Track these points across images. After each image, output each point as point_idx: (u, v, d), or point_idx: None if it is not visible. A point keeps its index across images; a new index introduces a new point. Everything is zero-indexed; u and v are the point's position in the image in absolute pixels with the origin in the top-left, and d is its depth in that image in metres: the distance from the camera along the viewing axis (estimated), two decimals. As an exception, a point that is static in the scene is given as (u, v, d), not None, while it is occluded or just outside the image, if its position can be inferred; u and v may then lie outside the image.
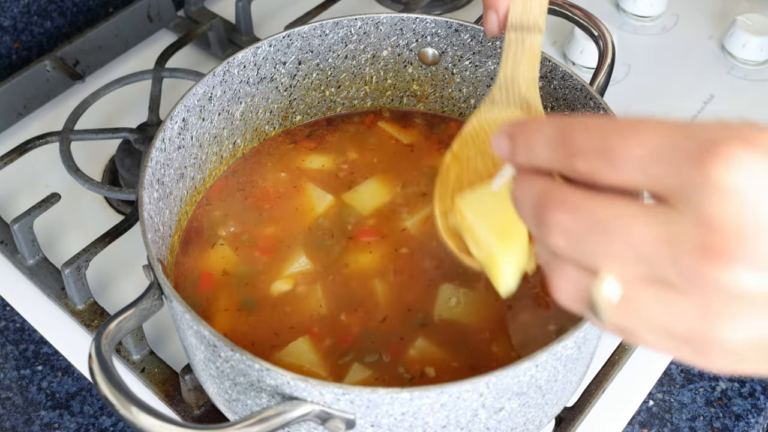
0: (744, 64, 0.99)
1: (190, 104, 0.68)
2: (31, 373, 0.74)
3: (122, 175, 0.86)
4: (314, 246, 0.69)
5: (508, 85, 0.59)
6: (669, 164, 0.34)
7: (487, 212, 0.50)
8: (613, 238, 0.36)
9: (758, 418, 0.71)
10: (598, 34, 0.74)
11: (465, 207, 0.52)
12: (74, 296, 0.76)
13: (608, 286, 0.37)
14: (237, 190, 0.73)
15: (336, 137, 0.77)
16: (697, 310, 0.35)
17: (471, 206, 0.51)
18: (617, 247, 0.36)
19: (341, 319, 0.64)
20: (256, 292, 0.66)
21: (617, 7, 1.06)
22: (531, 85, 0.59)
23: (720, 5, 1.07)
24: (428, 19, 0.74)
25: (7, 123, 0.93)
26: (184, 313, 0.54)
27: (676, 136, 0.34)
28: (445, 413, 0.52)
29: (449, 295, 0.65)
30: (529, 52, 0.59)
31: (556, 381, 0.57)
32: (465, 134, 0.58)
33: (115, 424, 0.71)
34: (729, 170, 0.33)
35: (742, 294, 0.34)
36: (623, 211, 0.36)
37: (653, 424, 0.71)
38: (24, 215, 0.77)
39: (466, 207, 0.52)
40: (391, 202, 0.72)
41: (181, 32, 1.02)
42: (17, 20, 0.97)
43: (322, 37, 0.74)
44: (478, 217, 0.51)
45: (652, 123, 0.35)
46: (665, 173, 0.34)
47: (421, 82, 0.78)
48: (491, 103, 0.59)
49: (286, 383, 0.51)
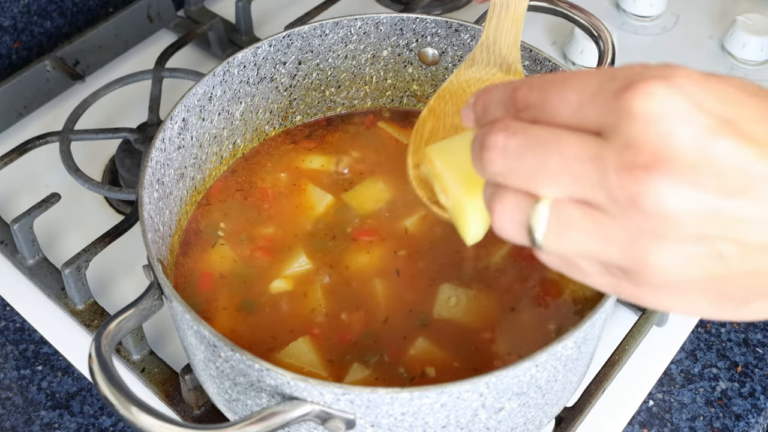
0: (744, 64, 0.99)
1: (190, 104, 0.68)
2: (31, 373, 0.74)
3: (122, 175, 0.86)
4: (314, 246, 0.69)
5: (489, 46, 0.60)
6: (596, 104, 0.38)
7: (455, 162, 0.50)
8: (547, 154, 0.38)
9: (758, 418, 0.71)
10: (598, 34, 0.74)
11: (435, 156, 0.52)
12: (74, 296, 0.76)
13: (543, 208, 0.39)
14: (237, 190, 0.73)
15: (336, 137, 0.77)
16: (626, 232, 0.37)
17: (440, 156, 0.52)
18: (551, 162, 0.38)
19: (341, 319, 0.64)
20: (256, 292, 0.66)
21: (617, 7, 1.06)
22: (512, 48, 0.60)
23: (720, 5, 1.07)
24: (428, 19, 0.74)
25: (7, 123, 0.93)
26: (184, 313, 0.54)
27: (603, 80, 0.38)
28: (445, 413, 0.52)
29: (449, 295, 0.65)
30: (513, 15, 0.61)
31: (556, 381, 0.57)
32: (443, 90, 0.60)
33: (115, 424, 0.71)
34: (647, 100, 0.36)
35: (667, 214, 0.36)
36: (558, 134, 0.39)
37: (653, 424, 0.71)
38: (24, 215, 0.77)
39: (436, 156, 0.52)
40: (391, 202, 0.72)
41: (181, 32, 1.02)
42: (17, 20, 0.97)
43: (322, 37, 0.74)
44: (447, 166, 0.51)
45: (585, 72, 0.39)
46: (594, 112, 0.38)
47: (421, 82, 0.78)
48: (471, 63, 0.60)
49: (286, 383, 0.51)
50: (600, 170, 0.37)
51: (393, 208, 0.71)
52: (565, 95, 0.39)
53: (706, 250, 0.37)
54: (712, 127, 0.36)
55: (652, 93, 0.36)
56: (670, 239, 0.37)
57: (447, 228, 0.69)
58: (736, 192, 0.36)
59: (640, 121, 0.36)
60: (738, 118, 0.36)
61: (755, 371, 0.74)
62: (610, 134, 0.37)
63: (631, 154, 0.36)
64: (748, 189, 0.36)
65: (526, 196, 0.40)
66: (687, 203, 0.36)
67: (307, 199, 0.72)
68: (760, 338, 0.76)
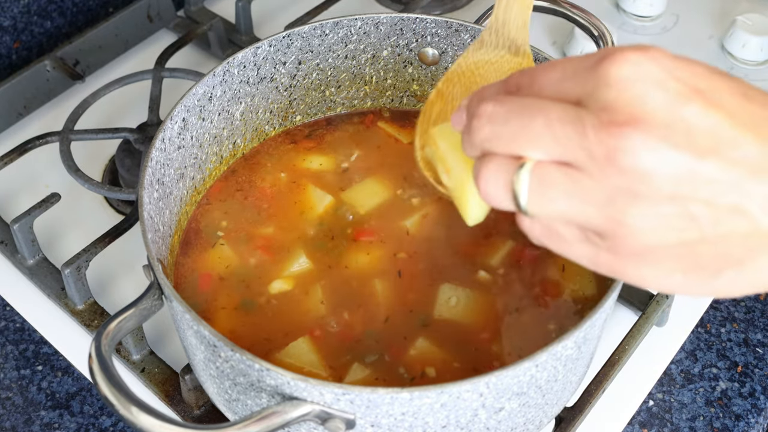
0: (744, 64, 0.99)
1: (190, 104, 0.68)
2: (31, 373, 0.74)
3: (122, 175, 0.86)
4: (314, 246, 0.69)
5: (498, 28, 0.60)
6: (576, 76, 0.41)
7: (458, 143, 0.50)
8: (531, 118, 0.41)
9: (758, 418, 0.71)
10: (598, 34, 0.74)
11: (438, 137, 0.53)
12: (74, 296, 0.76)
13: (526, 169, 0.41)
14: (237, 190, 0.73)
15: (336, 137, 0.77)
16: (603, 191, 0.39)
17: (444, 137, 0.53)
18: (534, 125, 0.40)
19: (341, 319, 0.64)
20: (256, 292, 0.66)
21: (617, 7, 1.06)
22: (521, 29, 0.60)
23: (720, 5, 1.07)
24: (428, 19, 0.74)
25: (7, 123, 0.93)
26: (184, 313, 0.54)
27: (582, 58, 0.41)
28: (445, 413, 0.52)
29: (449, 295, 0.65)
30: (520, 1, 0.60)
31: (556, 381, 0.57)
32: (451, 73, 0.60)
33: (115, 424, 0.71)
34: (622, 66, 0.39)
35: (641, 170, 0.38)
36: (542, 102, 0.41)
37: (653, 424, 0.71)
38: (24, 215, 0.77)
39: (440, 137, 0.53)
40: (391, 202, 0.72)
41: (181, 32, 1.02)
42: (17, 20, 0.97)
43: (322, 37, 0.74)
44: (450, 146, 0.52)
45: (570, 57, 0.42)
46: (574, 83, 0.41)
47: (421, 82, 0.78)
48: (480, 45, 0.60)
49: (286, 383, 0.51)
50: (579, 131, 0.39)
51: (393, 207, 0.71)
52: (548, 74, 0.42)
53: (678, 210, 0.38)
54: (683, 92, 0.38)
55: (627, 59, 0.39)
56: (645, 198, 0.38)
57: (447, 228, 0.69)
58: (706, 153, 0.38)
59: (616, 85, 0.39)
60: (707, 89, 0.39)
61: (755, 371, 0.74)
62: (589, 100, 0.39)
63: (607, 115, 0.38)
64: (718, 151, 0.38)
65: (511, 159, 0.42)
66: (660, 161, 0.38)
67: (307, 199, 0.72)
68: (760, 338, 0.76)
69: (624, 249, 0.40)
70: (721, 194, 0.38)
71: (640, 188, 0.38)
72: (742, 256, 0.39)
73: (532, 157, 0.41)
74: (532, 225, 0.43)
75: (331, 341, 0.63)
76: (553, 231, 0.42)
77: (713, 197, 0.38)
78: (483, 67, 0.60)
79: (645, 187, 0.38)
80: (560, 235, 0.42)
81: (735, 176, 0.38)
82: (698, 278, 0.40)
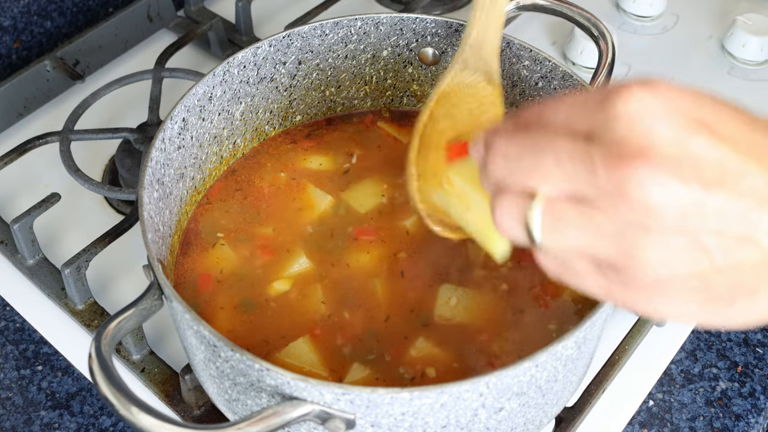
0: (744, 64, 0.99)
1: (190, 104, 0.68)
2: (31, 373, 0.74)
3: (122, 175, 0.86)
4: (314, 246, 0.69)
5: (479, 46, 0.61)
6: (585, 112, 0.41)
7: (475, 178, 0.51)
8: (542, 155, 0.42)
9: (758, 418, 0.71)
10: (598, 34, 0.74)
11: (454, 174, 0.53)
12: (74, 296, 0.76)
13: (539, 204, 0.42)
14: (236, 190, 0.73)
15: (335, 137, 0.77)
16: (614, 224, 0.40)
17: (460, 173, 0.53)
18: (546, 162, 0.41)
19: (341, 319, 0.64)
20: (256, 292, 0.66)
21: (617, 7, 1.06)
22: (495, 56, 0.61)
23: (720, 5, 1.07)
24: (428, 19, 0.74)
25: (7, 123, 0.93)
26: (184, 313, 0.54)
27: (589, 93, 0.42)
28: (445, 413, 0.52)
29: (449, 295, 0.65)
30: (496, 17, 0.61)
31: (556, 381, 0.57)
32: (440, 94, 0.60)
33: (115, 424, 0.71)
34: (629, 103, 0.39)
35: (651, 203, 0.38)
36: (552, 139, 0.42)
37: (653, 424, 0.71)
38: (24, 215, 0.77)
39: (455, 174, 0.53)
40: (391, 202, 0.72)
41: (181, 32, 1.02)
42: (17, 20, 0.97)
43: (322, 37, 0.74)
44: (468, 182, 0.52)
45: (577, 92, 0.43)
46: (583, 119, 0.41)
47: (421, 82, 0.78)
48: (464, 66, 0.60)
49: (286, 383, 0.51)
50: (589, 167, 0.40)
51: (393, 207, 0.71)
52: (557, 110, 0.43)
53: (689, 242, 0.39)
54: (688, 125, 0.39)
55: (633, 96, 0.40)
56: (655, 231, 0.39)
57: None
58: (714, 185, 0.38)
59: (623, 121, 0.39)
60: (711, 120, 0.39)
61: (755, 371, 0.74)
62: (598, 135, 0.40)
63: (616, 150, 0.39)
64: (725, 183, 0.38)
65: (524, 195, 0.43)
66: (669, 193, 0.38)
67: (307, 199, 0.72)
68: (760, 338, 0.76)
69: (636, 281, 0.41)
70: (731, 225, 0.39)
71: (650, 221, 0.39)
72: (754, 285, 0.40)
73: (545, 193, 0.42)
74: (547, 259, 0.44)
75: (332, 341, 0.63)
76: (567, 265, 0.43)
77: (723, 228, 0.39)
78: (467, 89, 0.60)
79: (655, 220, 0.39)
80: (574, 269, 0.43)
81: (743, 207, 0.38)
82: (712, 308, 0.41)
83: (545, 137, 0.42)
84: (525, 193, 0.43)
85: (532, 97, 0.72)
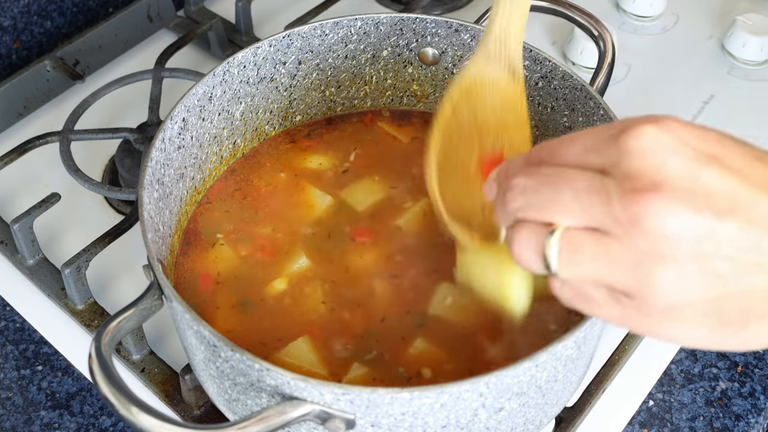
0: (744, 64, 0.99)
1: (190, 104, 0.68)
2: (31, 373, 0.74)
3: (122, 175, 0.86)
4: (314, 245, 0.69)
5: (503, 38, 0.61)
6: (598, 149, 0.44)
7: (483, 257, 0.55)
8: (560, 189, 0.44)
9: (758, 418, 0.71)
10: (598, 34, 0.74)
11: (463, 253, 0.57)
12: (74, 296, 0.76)
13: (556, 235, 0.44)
14: (236, 190, 0.73)
15: (335, 137, 0.77)
16: (630, 253, 0.41)
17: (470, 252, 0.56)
18: (563, 195, 0.44)
19: (341, 318, 0.64)
20: (256, 291, 0.66)
21: (617, 7, 1.06)
22: (518, 48, 0.61)
23: (720, 5, 1.07)
24: (428, 19, 0.74)
25: (7, 123, 0.93)
26: (184, 313, 0.54)
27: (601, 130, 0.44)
28: (445, 413, 0.52)
29: (446, 294, 0.65)
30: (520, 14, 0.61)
31: (556, 381, 0.57)
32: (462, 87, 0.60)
33: (115, 424, 0.71)
34: (641, 138, 0.42)
35: (665, 232, 0.40)
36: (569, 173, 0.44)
37: (653, 424, 0.71)
38: (24, 215, 0.77)
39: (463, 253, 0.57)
40: (391, 202, 0.72)
41: (181, 32, 1.02)
42: (17, 20, 0.97)
43: (322, 37, 0.74)
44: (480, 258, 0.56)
45: (589, 130, 0.45)
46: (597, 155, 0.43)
47: (421, 82, 0.78)
48: (487, 57, 0.61)
49: (286, 383, 0.51)
50: (605, 199, 0.42)
51: (392, 207, 0.71)
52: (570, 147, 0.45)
53: (702, 268, 0.40)
54: (698, 158, 0.41)
55: (645, 132, 0.42)
56: (670, 259, 0.40)
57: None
58: (725, 214, 0.40)
59: (636, 155, 0.41)
60: (719, 153, 0.42)
61: (755, 371, 0.74)
62: (612, 170, 0.42)
63: (630, 183, 0.41)
64: (735, 212, 0.40)
65: (542, 226, 0.45)
66: (682, 223, 0.40)
67: (307, 199, 0.72)
68: (760, 338, 0.76)
69: (651, 308, 0.42)
70: (742, 252, 0.40)
71: (664, 250, 0.40)
72: (764, 309, 0.41)
73: (562, 224, 0.44)
74: (563, 288, 0.45)
75: (331, 341, 0.63)
76: (582, 293, 0.45)
77: (735, 254, 0.40)
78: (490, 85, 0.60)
79: (669, 248, 0.40)
80: (590, 297, 0.44)
81: (754, 235, 0.40)
82: (724, 332, 0.42)
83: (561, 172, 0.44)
84: (542, 226, 0.44)
85: (533, 97, 0.72)
